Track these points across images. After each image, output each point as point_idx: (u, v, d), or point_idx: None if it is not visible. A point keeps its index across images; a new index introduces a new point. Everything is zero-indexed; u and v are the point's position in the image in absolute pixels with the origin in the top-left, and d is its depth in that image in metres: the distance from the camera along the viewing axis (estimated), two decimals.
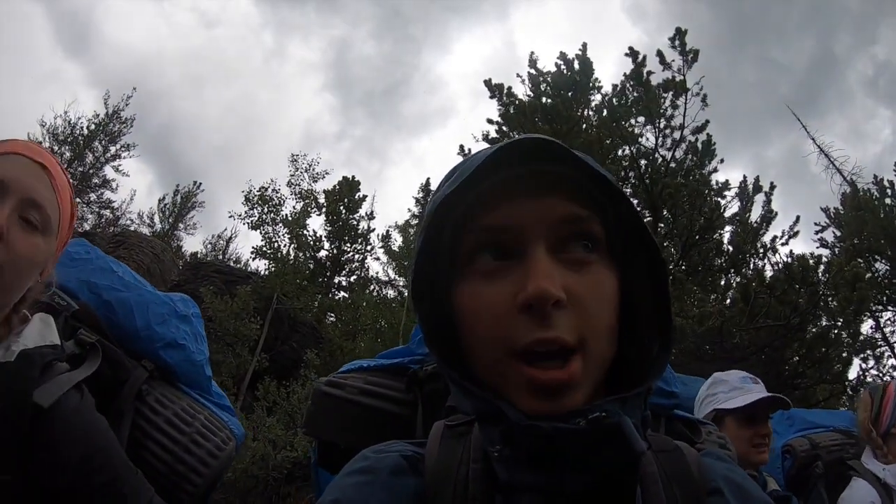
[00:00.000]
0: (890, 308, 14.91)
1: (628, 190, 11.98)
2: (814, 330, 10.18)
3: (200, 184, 29.09)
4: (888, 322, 15.02)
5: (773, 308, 9.39)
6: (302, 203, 18.30)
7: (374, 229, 22.83)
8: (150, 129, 53.06)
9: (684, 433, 1.57)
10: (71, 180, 1.47)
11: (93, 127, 23.63)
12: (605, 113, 12.32)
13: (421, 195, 21.52)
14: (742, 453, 2.57)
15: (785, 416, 3.29)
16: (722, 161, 12.06)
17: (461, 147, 13.55)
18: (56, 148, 22.95)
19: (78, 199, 24.23)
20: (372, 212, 22.72)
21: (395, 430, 1.34)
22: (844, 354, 11.17)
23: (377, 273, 23.19)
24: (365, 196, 22.68)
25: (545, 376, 0.73)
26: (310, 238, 20.68)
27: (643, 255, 0.83)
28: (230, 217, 18.54)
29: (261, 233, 16.80)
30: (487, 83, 13.14)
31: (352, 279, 22.36)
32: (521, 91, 13.19)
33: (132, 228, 24.67)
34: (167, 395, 1.66)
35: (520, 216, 0.78)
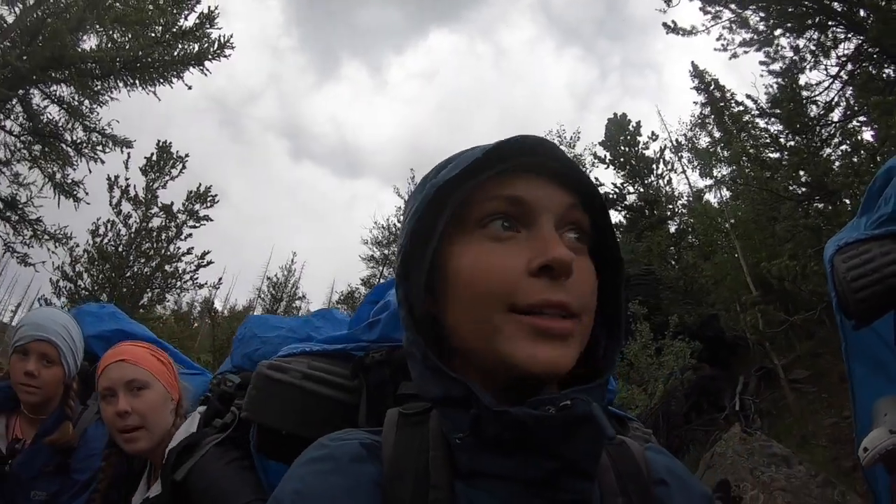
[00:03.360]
0: None
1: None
2: None
3: None
4: None
5: None
6: None
7: (665, 146, 21.85)
8: None
9: (616, 428, 1.54)
10: (145, 347, 2.28)
11: (402, 218, 26.55)
12: None
13: (696, 81, 20.27)
14: None
15: None
16: None
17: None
18: (386, 252, 25.99)
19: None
20: (653, 132, 21.90)
21: (337, 416, 1.36)
22: None
23: (695, 183, 22.18)
24: (639, 122, 21.95)
25: (549, 322, 0.77)
26: (612, 194, 20.61)
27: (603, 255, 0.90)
28: None
29: None
30: None
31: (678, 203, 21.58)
32: None
33: None
34: None
35: (535, 194, 0.83)
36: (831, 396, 10.64)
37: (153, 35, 14.03)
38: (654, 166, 21.43)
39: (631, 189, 21.39)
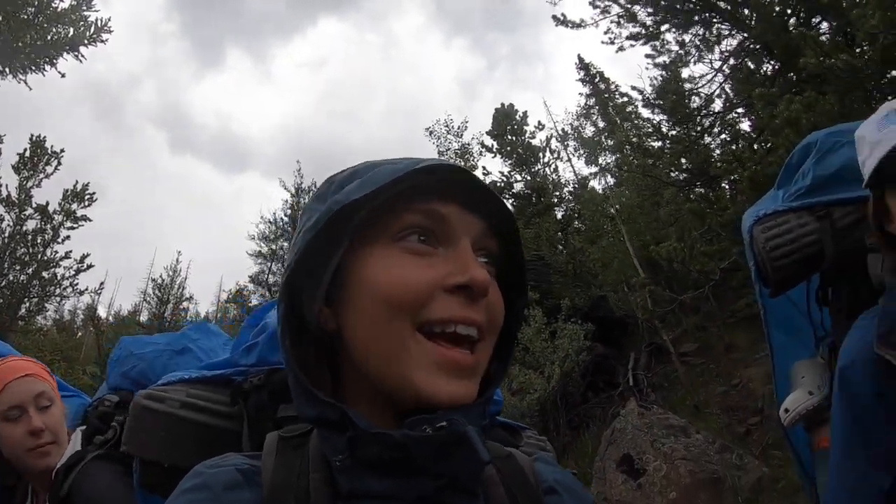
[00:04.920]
0: None
1: None
2: None
3: None
4: None
5: None
6: (461, 161, 19.02)
7: (551, 135, 22.50)
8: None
9: (507, 438, 1.59)
10: (35, 361, 2.29)
11: (289, 211, 25.82)
12: None
13: (582, 73, 21.03)
14: None
15: None
16: None
17: None
18: (274, 247, 25.29)
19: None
20: (539, 122, 22.55)
21: (219, 445, 1.30)
22: None
23: (579, 170, 23.02)
24: (525, 112, 22.48)
25: (457, 356, 0.79)
26: (499, 182, 21.06)
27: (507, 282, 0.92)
28: None
29: None
30: None
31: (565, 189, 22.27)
32: None
33: None
34: None
35: (458, 214, 0.85)
36: (719, 367, 11.38)
37: (25, 17, 13.00)
38: (541, 155, 22.08)
39: (518, 177, 21.91)
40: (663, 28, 11.94)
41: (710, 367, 11.62)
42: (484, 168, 22.17)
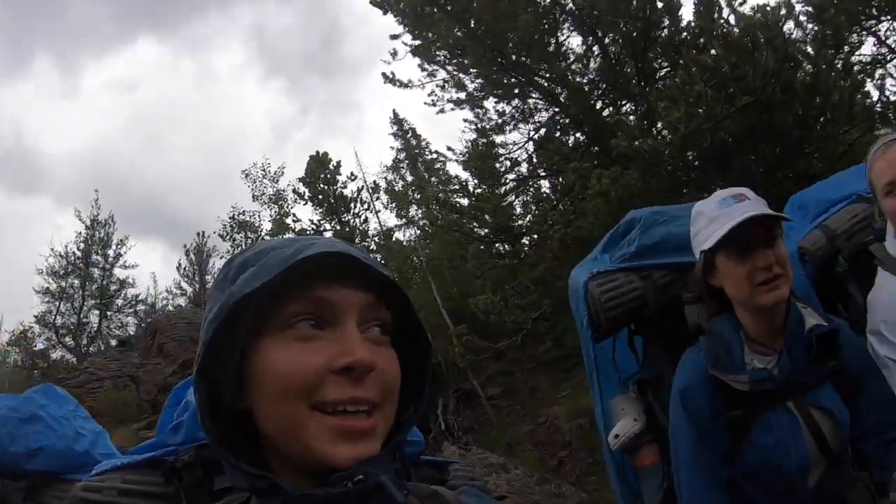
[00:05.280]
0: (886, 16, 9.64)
1: None
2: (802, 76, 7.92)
3: (203, 233, 29.15)
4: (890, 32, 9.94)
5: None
6: (275, 207, 18.92)
7: (361, 186, 23.05)
8: (134, 210, 53.21)
9: (433, 475, 1.71)
10: None
11: (82, 245, 23.98)
12: None
13: (395, 128, 21.68)
14: (744, 298, 1.99)
15: (796, 206, 2.68)
16: None
17: None
18: (63, 284, 23.12)
19: (109, 312, 24.88)
20: (352, 172, 22.89)
21: None
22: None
23: (386, 221, 23.60)
24: (339, 161, 22.79)
25: (352, 423, 0.84)
26: (309, 230, 21.13)
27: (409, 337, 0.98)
28: (221, 259, 19.10)
29: None
30: None
31: (372, 240, 22.78)
32: None
33: (168, 307, 26.05)
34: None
35: (340, 296, 0.87)
36: (524, 408, 12.35)
37: None
38: (352, 205, 22.44)
39: (328, 226, 22.11)
40: (485, 96, 12.95)
41: (517, 408, 12.56)
42: (294, 215, 22.25)
